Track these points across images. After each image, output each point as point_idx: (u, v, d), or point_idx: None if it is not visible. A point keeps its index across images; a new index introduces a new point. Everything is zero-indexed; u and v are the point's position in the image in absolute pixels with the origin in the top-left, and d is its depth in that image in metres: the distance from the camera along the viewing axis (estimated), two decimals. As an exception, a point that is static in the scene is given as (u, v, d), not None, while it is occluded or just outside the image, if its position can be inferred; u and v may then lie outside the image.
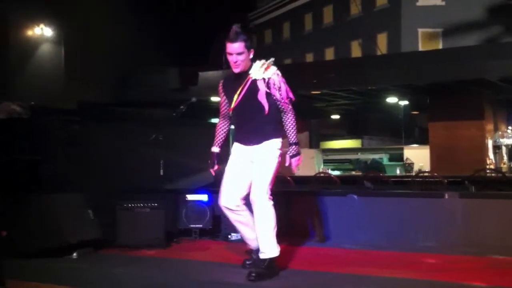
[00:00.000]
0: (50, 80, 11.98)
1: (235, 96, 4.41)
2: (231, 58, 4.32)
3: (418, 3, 20.98)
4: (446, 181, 8.32)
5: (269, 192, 4.34)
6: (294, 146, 4.45)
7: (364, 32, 22.35)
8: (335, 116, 18.24)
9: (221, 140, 4.75)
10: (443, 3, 20.60)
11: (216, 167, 4.70)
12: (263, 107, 4.32)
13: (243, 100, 4.37)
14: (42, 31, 11.25)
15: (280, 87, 4.34)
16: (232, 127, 4.79)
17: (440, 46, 19.83)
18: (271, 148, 4.41)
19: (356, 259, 5.02)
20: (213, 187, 7.01)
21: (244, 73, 4.38)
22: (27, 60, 11.69)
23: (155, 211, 5.73)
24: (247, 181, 4.46)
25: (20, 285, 4.93)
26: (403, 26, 20.94)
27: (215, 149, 4.71)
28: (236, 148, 4.57)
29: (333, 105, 16.06)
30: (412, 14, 20.81)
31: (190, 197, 6.29)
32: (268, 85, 4.31)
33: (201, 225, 6.17)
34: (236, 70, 4.36)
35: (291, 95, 4.41)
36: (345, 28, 23.78)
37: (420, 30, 20.83)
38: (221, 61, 4.44)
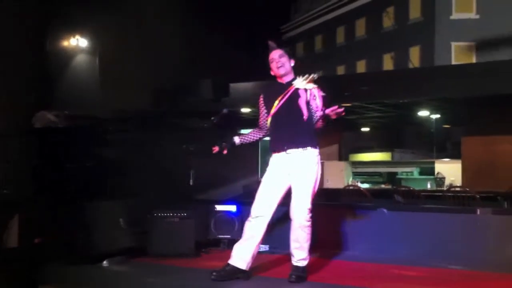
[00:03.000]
0: (85, 90, 12.17)
1: (276, 102, 4.63)
2: (274, 64, 4.68)
3: (452, 17, 20.76)
4: (478, 196, 8.19)
5: (311, 208, 4.53)
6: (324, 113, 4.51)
7: (396, 45, 22.19)
8: (365, 129, 18.10)
9: (247, 138, 4.90)
10: (477, 17, 20.34)
11: (224, 150, 4.79)
12: (302, 113, 4.56)
13: (284, 106, 4.62)
14: (78, 42, 11.44)
15: (318, 100, 4.59)
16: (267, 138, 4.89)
17: (474, 60, 19.56)
18: (310, 160, 4.56)
19: (385, 274, 4.98)
20: (242, 198, 7.06)
21: (287, 83, 4.67)
22: (63, 71, 11.89)
23: (185, 221, 5.79)
24: (281, 193, 4.64)
25: (52, 291, 5.03)
26: (437, 40, 20.72)
27: (236, 138, 4.86)
28: (274, 160, 4.70)
29: (364, 118, 15.90)
30: (446, 28, 20.59)
31: (219, 207, 6.34)
32: (309, 95, 4.59)
33: (229, 236, 6.21)
34: (281, 71, 4.66)
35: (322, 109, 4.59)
36: (378, 41, 23.65)
37: (453, 44, 20.60)
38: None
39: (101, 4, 11.12)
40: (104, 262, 5.20)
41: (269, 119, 4.71)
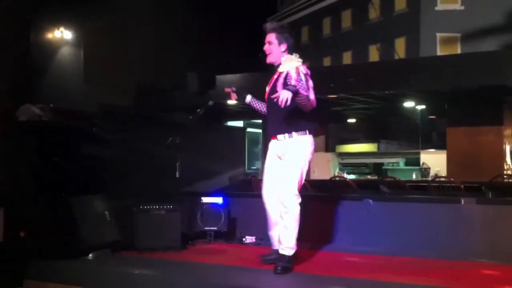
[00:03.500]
0: (70, 83, 12.11)
1: (267, 88, 4.72)
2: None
3: (437, 8, 20.85)
4: (462, 186, 8.26)
5: (297, 191, 4.57)
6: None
7: (382, 36, 22.27)
8: (352, 120, 18.19)
9: (256, 104, 5.04)
10: (462, 8, 20.45)
11: (233, 92, 4.97)
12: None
13: (270, 92, 4.60)
14: (62, 34, 11.35)
15: (298, 80, 4.43)
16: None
17: (459, 51, 19.68)
18: (296, 144, 4.59)
19: (371, 264, 5.02)
20: (228, 190, 7.07)
21: (276, 67, 4.67)
22: (47, 63, 11.80)
23: (171, 213, 5.78)
24: (279, 176, 4.69)
25: (37, 285, 5.01)
26: (422, 31, 20.82)
27: (249, 96, 5.02)
28: (269, 145, 4.82)
29: (350, 109, 16.01)
30: (431, 19, 20.69)
31: (205, 199, 6.33)
32: (288, 78, 4.50)
33: (216, 228, 6.22)
34: (267, 59, 4.69)
35: (312, 96, 4.51)
36: (364, 32, 23.70)
37: (438, 35, 20.70)
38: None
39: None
40: (90, 255, 5.18)
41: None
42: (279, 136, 4.66)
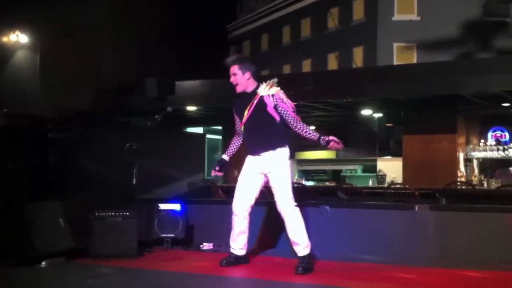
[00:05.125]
0: (26, 87, 11.89)
1: (245, 112, 4.97)
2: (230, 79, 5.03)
3: (394, 18, 21.23)
4: (417, 193, 8.42)
5: (293, 199, 4.92)
6: (321, 138, 4.97)
7: (341, 45, 22.54)
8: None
9: (232, 151, 5.31)
10: (419, 18, 20.88)
11: (218, 171, 5.30)
12: (273, 118, 4.93)
13: (253, 115, 4.96)
14: (18, 37, 11.16)
15: (285, 101, 4.96)
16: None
17: (415, 61, 20.07)
18: (281, 157, 4.96)
19: (327, 270, 5.06)
20: (187, 197, 7.03)
21: (252, 92, 4.99)
22: (2, 67, 11.56)
23: (127, 221, 5.71)
24: (256, 190, 5.11)
25: (-12, 294, 4.88)
26: (379, 40, 21.15)
27: (225, 156, 5.32)
28: (248, 160, 5.10)
29: (310, 117, 16.17)
30: (388, 29, 21.04)
31: (163, 206, 6.29)
32: (275, 100, 4.90)
33: (173, 235, 6.17)
34: (237, 89, 5.01)
35: (293, 106, 5.04)
36: (323, 41, 23.95)
37: (395, 44, 21.07)
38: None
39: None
40: (43, 263, 5.08)
41: (242, 127, 5.10)
42: (263, 153, 4.97)
